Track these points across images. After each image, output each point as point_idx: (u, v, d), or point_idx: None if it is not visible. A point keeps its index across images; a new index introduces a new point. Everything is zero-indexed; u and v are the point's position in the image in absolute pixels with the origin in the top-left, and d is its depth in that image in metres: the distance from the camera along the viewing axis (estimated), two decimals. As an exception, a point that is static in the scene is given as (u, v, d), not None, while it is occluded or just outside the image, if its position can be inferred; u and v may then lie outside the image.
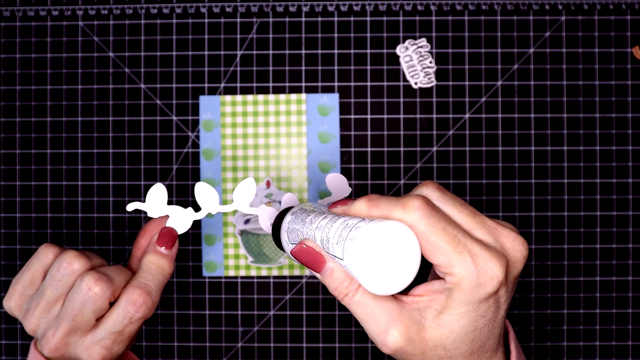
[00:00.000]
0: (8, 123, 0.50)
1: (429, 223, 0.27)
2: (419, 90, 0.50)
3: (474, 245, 0.27)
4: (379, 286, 0.26)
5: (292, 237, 0.33)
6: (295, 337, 0.50)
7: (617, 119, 0.50)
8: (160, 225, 0.37)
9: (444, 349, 0.28)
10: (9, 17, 0.51)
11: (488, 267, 0.27)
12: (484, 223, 0.28)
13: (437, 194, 0.29)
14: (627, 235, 0.50)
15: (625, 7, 0.50)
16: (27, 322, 0.34)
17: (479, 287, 0.27)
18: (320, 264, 0.30)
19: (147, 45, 0.50)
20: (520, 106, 0.50)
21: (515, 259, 0.28)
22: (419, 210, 0.27)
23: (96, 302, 0.33)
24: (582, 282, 0.50)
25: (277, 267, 0.50)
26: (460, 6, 0.50)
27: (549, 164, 0.50)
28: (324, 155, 0.50)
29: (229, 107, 0.50)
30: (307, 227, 0.31)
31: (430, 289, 0.28)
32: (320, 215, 0.31)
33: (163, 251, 0.36)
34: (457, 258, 0.27)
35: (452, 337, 0.28)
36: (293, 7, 0.50)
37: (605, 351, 0.50)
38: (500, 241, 0.28)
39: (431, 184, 0.30)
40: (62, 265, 0.34)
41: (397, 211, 0.27)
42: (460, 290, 0.27)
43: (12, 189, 0.50)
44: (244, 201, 0.36)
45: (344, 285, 0.29)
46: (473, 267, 0.27)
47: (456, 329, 0.28)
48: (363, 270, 0.26)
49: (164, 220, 0.37)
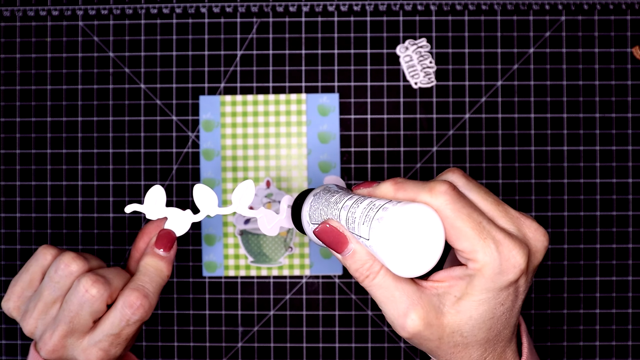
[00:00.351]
0: (8, 123, 0.50)
1: (455, 208, 0.27)
2: (419, 90, 0.50)
3: (497, 233, 0.27)
4: (403, 268, 0.27)
5: (314, 217, 0.32)
6: (295, 337, 0.50)
7: (617, 119, 0.50)
8: (159, 227, 0.37)
9: (461, 335, 0.28)
10: (9, 17, 0.51)
11: (511, 255, 0.27)
12: (507, 212, 0.29)
13: (463, 180, 0.29)
14: (627, 235, 0.50)
15: (625, 7, 0.50)
16: (25, 323, 0.34)
17: (501, 275, 0.27)
18: (343, 244, 0.30)
19: (147, 45, 0.50)
20: (520, 106, 0.50)
21: (536, 249, 0.28)
22: (446, 195, 0.27)
23: (93, 304, 0.33)
24: (582, 282, 0.50)
25: (277, 267, 0.50)
26: (460, 6, 0.50)
27: (549, 164, 0.50)
28: (324, 155, 0.50)
29: (229, 107, 0.50)
30: (332, 207, 0.31)
31: (451, 275, 0.29)
32: (345, 196, 0.31)
33: (161, 253, 0.36)
34: (481, 244, 0.27)
35: (470, 323, 0.28)
36: (293, 7, 0.50)
37: (605, 351, 0.50)
38: (523, 231, 0.28)
39: (457, 171, 0.30)
40: (60, 267, 0.33)
41: (423, 195, 0.28)
42: (482, 276, 0.27)
43: (12, 189, 0.50)
44: (243, 203, 0.36)
45: (365, 267, 0.29)
46: (496, 254, 0.27)
47: (475, 316, 0.28)
48: (389, 251, 0.26)
49: (162, 222, 0.37)
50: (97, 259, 0.36)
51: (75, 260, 0.34)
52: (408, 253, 0.26)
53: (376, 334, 0.50)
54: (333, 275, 0.50)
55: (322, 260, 0.50)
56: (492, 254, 0.27)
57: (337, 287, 0.50)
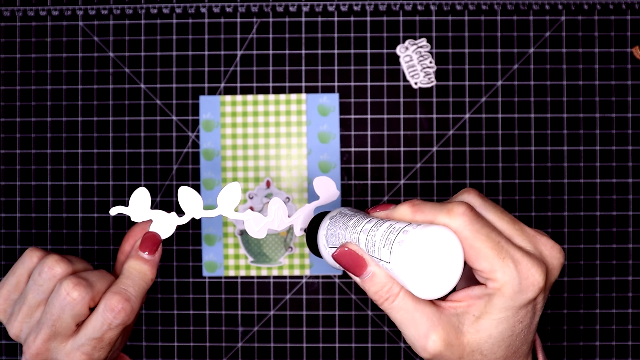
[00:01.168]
0: (8, 123, 0.50)
1: (473, 229, 0.27)
2: (419, 90, 0.50)
3: (516, 252, 0.28)
4: (425, 289, 0.27)
5: (331, 241, 0.33)
6: (295, 337, 0.50)
7: (617, 119, 0.50)
8: (144, 230, 0.37)
9: (480, 353, 0.29)
10: (9, 17, 0.51)
11: (530, 274, 0.27)
12: (524, 230, 0.29)
13: (479, 200, 0.30)
14: (627, 235, 0.50)
15: (625, 7, 0.50)
16: (10, 326, 0.34)
17: (520, 293, 0.27)
18: (362, 267, 0.30)
19: (147, 45, 0.50)
20: (520, 106, 0.50)
21: (553, 266, 0.29)
22: (464, 217, 0.27)
23: (75, 307, 0.32)
24: (582, 282, 0.50)
25: (277, 267, 0.50)
26: (460, 6, 0.50)
27: (549, 164, 0.50)
28: (324, 155, 0.50)
29: (229, 107, 0.50)
30: (350, 230, 0.31)
31: (469, 295, 0.29)
32: (364, 219, 0.31)
33: (145, 256, 0.35)
34: (500, 264, 0.27)
35: (489, 342, 0.28)
36: (293, 7, 0.50)
37: (605, 351, 0.50)
38: (539, 248, 0.29)
39: (472, 191, 0.30)
40: (44, 270, 0.33)
41: (442, 217, 0.28)
42: (501, 295, 0.27)
43: (12, 189, 0.50)
44: (228, 206, 0.36)
45: (385, 290, 0.29)
46: (515, 273, 0.27)
47: (494, 334, 0.28)
48: (410, 273, 0.27)
49: (147, 225, 0.37)
50: (82, 262, 0.36)
51: (59, 263, 0.33)
52: (429, 275, 0.27)
53: (376, 334, 0.50)
54: (333, 275, 0.50)
55: (322, 261, 0.50)
56: (512, 273, 0.27)
57: (337, 287, 0.50)
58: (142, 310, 0.50)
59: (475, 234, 0.27)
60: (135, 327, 0.50)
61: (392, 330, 0.50)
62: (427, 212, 0.29)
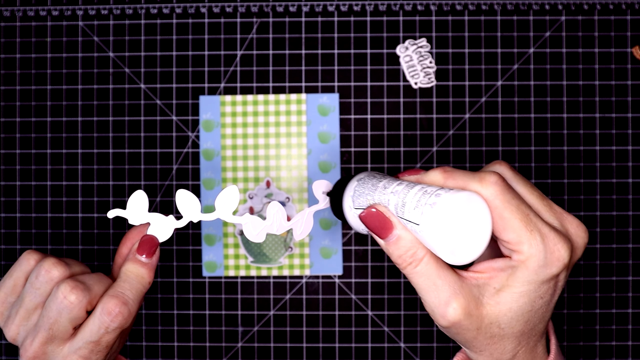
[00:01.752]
0: (8, 123, 0.50)
1: (504, 199, 0.27)
2: (419, 90, 0.50)
3: (543, 226, 0.28)
4: (452, 254, 0.27)
5: (358, 202, 0.33)
6: (295, 337, 0.50)
7: (617, 119, 0.50)
8: (142, 233, 0.37)
9: (498, 326, 0.29)
10: (9, 17, 0.51)
11: (556, 249, 0.27)
12: (551, 207, 0.29)
13: (510, 173, 0.30)
14: (627, 235, 0.50)
15: (625, 7, 0.50)
16: (7, 329, 0.34)
17: (545, 267, 0.27)
18: (388, 230, 0.30)
19: (147, 45, 0.50)
20: (520, 106, 0.50)
21: (577, 245, 0.29)
22: (496, 186, 0.28)
23: (72, 310, 0.32)
24: (582, 282, 0.50)
25: (277, 267, 0.50)
26: (460, 6, 0.50)
27: (549, 164, 0.50)
28: (324, 155, 0.50)
29: (229, 107, 0.50)
30: (380, 192, 0.31)
31: (492, 267, 0.29)
32: (394, 181, 0.31)
33: (143, 260, 0.35)
34: (528, 236, 0.27)
35: (508, 315, 0.28)
36: (293, 7, 0.50)
37: (605, 351, 0.50)
38: (565, 226, 0.29)
39: (504, 163, 0.30)
40: (41, 273, 0.33)
41: (474, 184, 0.28)
42: (525, 268, 0.28)
43: (12, 188, 0.50)
44: (226, 209, 0.36)
45: (409, 254, 0.29)
46: (542, 247, 0.27)
47: (514, 308, 0.28)
48: (440, 236, 0.27)
49: (145, 228, 0.36)
50: (80, 265, 0.35)
51: (56, 266, 0.33)
52: (458, 239, 0.27)
53: (376, 334, 0.50)
54: (333, 275, 0.50)
55: (322, 260, 0.50)
56: (538, 246, 0.27)
57: (337, 287, 0.50)
58: (142, 310, 0.50)
59: (505, 204, 0.27)
60: (135, 327, 0.50)
61: (392, 330, 0.50)
62: (459, 179, 0.29)
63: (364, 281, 0.50)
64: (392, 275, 0.50)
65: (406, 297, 0.50)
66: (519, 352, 0.30)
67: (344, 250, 0.50)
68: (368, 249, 0.50)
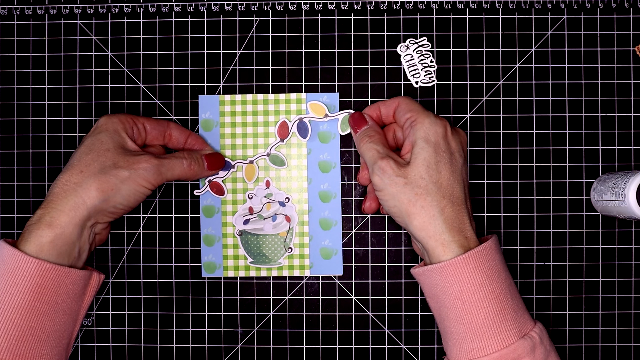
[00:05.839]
0: (6, 122, 0.50)
1: (404, 101, 0.45)
2: (419, 89, 0.50)
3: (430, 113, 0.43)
4: None
5: None
6: (295, 338, 0.50)
7: (619, 118, 0.49)
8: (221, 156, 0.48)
9: (420, 177, 0.40)
10: (6, 16, 0.50)
11: (439, 118, 0.42)
12: None
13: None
14: (629, 236, 0.50)
15: (627, 6, 0.50)
16: None
17: (435, 125, 0.41)
18: (362, 123, 0.46)
19: (146, 44, 0.50)
20: (521, 105, 0.50)
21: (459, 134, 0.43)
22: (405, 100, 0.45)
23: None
24: (584, 283, 0.50)
25: (277, 267, 0.50)
26: (461, 4, 0.50)
27: (551, 163, 0.50)
28: (324, 155, 0.50)
29: (228, 106, 0.50)
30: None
31: (406, 143, 0.43)
32: None
33: (205, 167, 0.46)
34: (421, 111, 0.42)
35: (424, 164, 0.40)
36: (293, 5, 0.50)
37: (607, 352, 0.49)
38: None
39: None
40: None
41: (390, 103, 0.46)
42: (422, 124, 0.41)
43: (10, 188, 0.50)
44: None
45: (369, 134, 0.45)
46: (430, 112, 0.42)
47: (426, 157, 0.40)
48: None
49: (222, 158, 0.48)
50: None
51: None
52: None
53: (376, 336, 0.50)
54: (333, 276, 0.50)
55: (322, 261, 0.50)
56: (427, 112, 0.42)
57: (337, 288, 0.50)
58: (141, 311, 0.50)
59: (407, 101, 0.45)
60: (134, 328, 0.50)
61: (393, 331, 0.50)
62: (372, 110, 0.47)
63: (364, 282, 0.50)
64: (393, 277, 0.50)
65: (407, 298, 0.50)
66: (446, 208, 0.39)
67: (344, 250, 0.50)
68: (368, 249, 0.50)
